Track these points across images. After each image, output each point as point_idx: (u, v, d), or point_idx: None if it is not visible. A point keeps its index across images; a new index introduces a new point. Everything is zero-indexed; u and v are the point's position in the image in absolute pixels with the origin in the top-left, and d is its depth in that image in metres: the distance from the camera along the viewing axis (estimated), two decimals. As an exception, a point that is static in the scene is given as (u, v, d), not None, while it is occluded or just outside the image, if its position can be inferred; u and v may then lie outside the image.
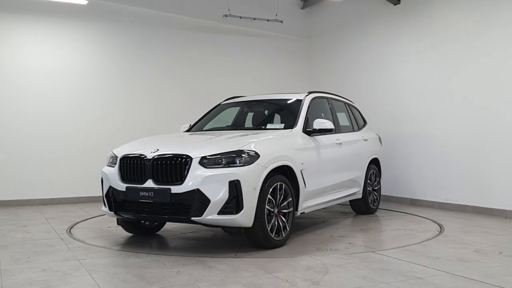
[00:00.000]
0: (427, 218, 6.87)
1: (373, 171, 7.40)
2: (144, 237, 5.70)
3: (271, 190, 4.82)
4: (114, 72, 9.46)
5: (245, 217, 4.56)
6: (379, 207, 7.68)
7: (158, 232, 5.94)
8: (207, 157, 4.66)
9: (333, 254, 4.70)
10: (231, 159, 4.66)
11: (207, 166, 4.63)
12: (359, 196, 7.03)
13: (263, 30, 10.53)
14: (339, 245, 5.16)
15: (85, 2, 8.66)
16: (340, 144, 6.40)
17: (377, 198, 7.54)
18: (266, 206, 4.74)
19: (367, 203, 7.21)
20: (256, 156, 4.73)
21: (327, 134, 6.08)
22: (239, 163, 4.64)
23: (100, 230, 6.11)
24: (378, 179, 7.61)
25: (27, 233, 5.91)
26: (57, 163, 8.79)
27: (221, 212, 4.53)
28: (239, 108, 6.87)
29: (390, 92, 8.88)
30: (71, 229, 6.20)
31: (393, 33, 8.97)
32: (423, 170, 8.23)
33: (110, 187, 5.06)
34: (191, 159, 4.66)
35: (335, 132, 6.35)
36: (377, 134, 7.93)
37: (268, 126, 6.11)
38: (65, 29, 9.11)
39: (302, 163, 5.34)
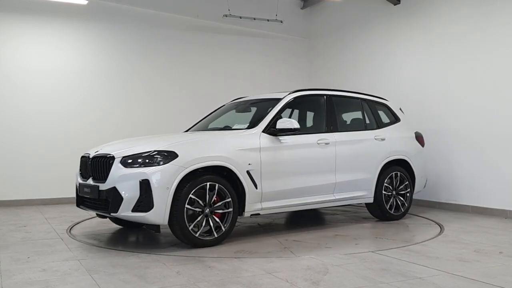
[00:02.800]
0: (427, 218, 6.87)
1: (395, 173, 6.68)
2: (146, 237, 5.70)
3: (194, 190, 4.87)
4: (114, 72, 9.46)
5: (156, 215, 4.71)
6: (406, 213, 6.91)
7: (159, 232, 5.96)
8: (127, 157, 4.93)
9: (333, 254, 4.70)
10: (146, 159, 4.86)
11: (127, 166, 4.89)
12: (369, 200, 6.47)
13: (263, 30, 10.53)
14: (339, 245, 5.17)
15: (85, 2, 8.66)
16: (327, 144, 6.02)
17: (403, 204, 6.77)
18: (187, 206, 4.82)
19: (383, 208, 6.54)
20: (172, 156, 4.85)
21: (307, 134, 6.02)
22: (153, 163, 4.82)
23: (100, 230, 6.11)
24: (406, 182, 6.81)
25: (27, 233, 5.91)
26: (57, 163, 8.78)
27: (134, 209, 4.74)
28: (231, 108, 6.85)
29: (391, 91, 8.87)
30: (71, 229, 6.20)
31: (393, 33, 8.97)
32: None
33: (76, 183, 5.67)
34: (114, 159, 4.97)
35: (327, 131, 6.15)
36: (415, 133, 7.20)
37: (235, 126, 6.11)
38: (65, 29, 9.12)
39: (249, 164, 5.25)
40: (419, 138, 7.26)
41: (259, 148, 5.41)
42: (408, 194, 6.84)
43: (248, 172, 5.25)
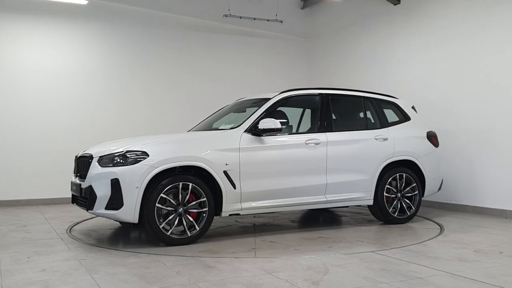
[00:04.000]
0: (427, 218, 6.87)
1: (399, 175, 6.39)
2: (146, 237, 5.70)
3: (166, 189, 4.97)
4: (115, 72, 9.47)
5: (126, 213, 4.89)
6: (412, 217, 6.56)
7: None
8: (102, 156, 5.14)
9: (333, 254, 4.70)
10: (118, 158, 5.03)
11: (102, 165, 5.08)
12: (369, 202, 6.25)
13: (263, 30, 10.53)
14: (339, 244, 5.17)
15: (85, 2, 8.67)
16: (317, 144, 5.89)
17: (409, 207, 6.47)
18: (158, 205, 4.93)
19: (385, 210, 6.29)
20: (143, 156, 4.98)
21: (295, 134, 6.02)
22: (125, 162, 4.97)
23: (100, 230, 6.11)
24: (413, 184, 6.49)
25: (27, 233, 5.91)
26: (58, 163, 8.78)
27: (107, 207, 4.94)
28: (231, 108, 6.84)
29: (391, 91, 8.83)
30: (71, 229, 6.20)
31: (393, 33, 8.97)
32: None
33: None
34: (92, 158, 5.20)
35: (319, 131, 6.03)
36: (427, 133, 6.84)
37: (221, 126, 6.12)
38: (65, 29, 9.12)
39: (226, 164, 5.27)
40: (432, 138, 6.89)
41: (238, 148, 5.41)
42: (415, 197, 6.52)
43: (225, 172, 5.27)
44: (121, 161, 4.99)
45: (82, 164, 5.42)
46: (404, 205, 6.45)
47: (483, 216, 7.05)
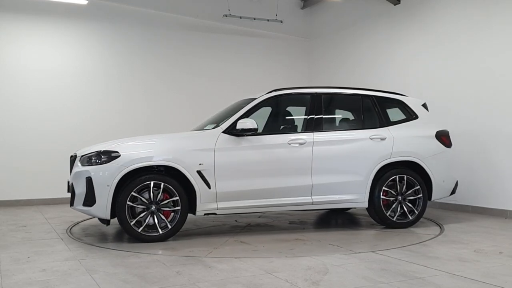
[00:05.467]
0: (427, 218, 6.86)
1: (400, 177, 6.03)
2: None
3: (137, 188, 5.18)
4: (114, 72, 9.47)
5: (98, 210, 5.18)
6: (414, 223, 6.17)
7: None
8: (83, 156, 5.45)
9: (333, 254, 4.70)
10: (94, 158, 5.31)
11: (82, 164, 5.38)
12: (363, 204, 5.98)
13: (263, 30, 10.53)
14: (339, 244, 5.17)
15: (85, 2, 8.67)
16: (302, 144, 5.75)
17: (412, 211, 6.09)
18: (129, 203, 5.15)
19: (381, 214, 5.98)
20: (115, 156, 5.22)
21: (279, 134, 5.90)
22: (98, 162, 5.25)
23: (100, 230, 6.11)
24: (417, 187, 6.09)
25: (27, 233, 5.91)
26: (58, 163, 8.77)
27: (84, 203, 5.25)
28: (230, 108, 6.83)
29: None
30: (71, 229, 6.20)
31: (393, 33, 8.97)
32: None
33: None
34: (76, 157, 5.55)
35: (307, 131, 5.89)
36: (437, 132, 6.36)
37: (207, 127, 6.12)
38: (65, 29, 9.12)
39: (200, 164, 5.35)
40: (443, 137, 6.40)
41: (214, 148, 5.46)
42: (419, 201, 6.12)
43: (199, 172, 5.35)
44: (96, 160, 5.27)
45: (71, 163, 5.78)
46: (406, 209, 6.09)
47: (483, 216, 7.05)
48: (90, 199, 5.18)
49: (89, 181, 5.18)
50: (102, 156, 5.27)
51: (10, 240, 5.48)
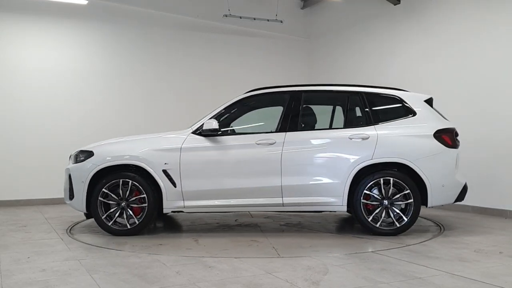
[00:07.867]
0: (427, 218, 6.87)
1: (385, 179, 5.48)
2: (146, 236, 5.71)
3: (108, 185, 5.60)
4: (114, 72, 9.47)
5: (77, 204, 5.72)
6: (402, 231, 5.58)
7: (158, 232, 6.00)
8: (71, 155, 6.01)
9: (333, 254, 4.70)
10: (74, 157, 5.88)
11: (72, 162, 5.90)
12: (341, 208, 5.55)
13: (263, 30, 10.53)
14: (339, 244, 5.17)
15: (85, 2, 8.67)
16: (271, 144, 5.58)
17: (400, 218, 5.50)
18: (100, 198, 5.60)
19: (362, 219, 5.51)
20: (90, 155, 5.73)
21: (249, 134, 5.82)
22: (78, 160, 5.80)
23: (100, 230, 6.11)
24: (406, 191, 5.47)
25: (27, 233, 5.91)
26: (57, 163, 8.76)
27: (68, 198, 5.83)
28: None
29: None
30: (71, 229, 6.20)
31: (393, 33, 8.97)
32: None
33: None
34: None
35: (280, 131, 5.68)
36: (437, 130, 5.64)
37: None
38: (64, 29, 9.12)
39: (165, 163, 5.59)
40: (444, 136, 5.66)
41: (180, 148, 5.65)
42: (410, 206, 5.51)
43: (165, 171, 5.59)
44: (76, 159, 5.82)
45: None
46: (392, 215, 5.52)
47: (483, 216, 7.05)
48: (71, 194, 5.77)
49: (69, 177, 5.78)
50: (80, 155, 5.81)
51: (10, 240, 5.48)
